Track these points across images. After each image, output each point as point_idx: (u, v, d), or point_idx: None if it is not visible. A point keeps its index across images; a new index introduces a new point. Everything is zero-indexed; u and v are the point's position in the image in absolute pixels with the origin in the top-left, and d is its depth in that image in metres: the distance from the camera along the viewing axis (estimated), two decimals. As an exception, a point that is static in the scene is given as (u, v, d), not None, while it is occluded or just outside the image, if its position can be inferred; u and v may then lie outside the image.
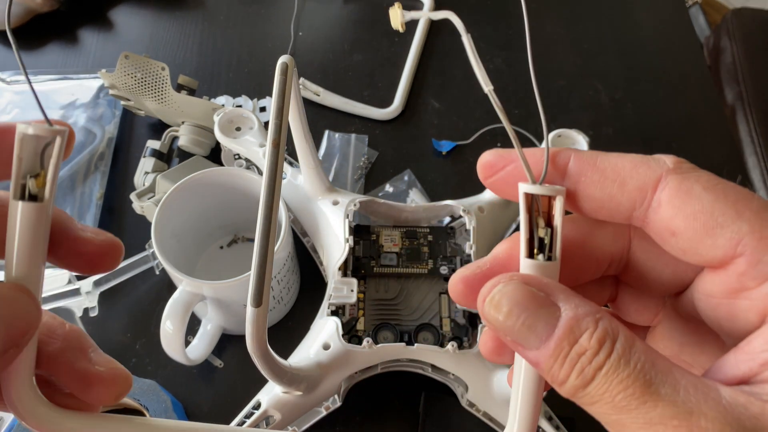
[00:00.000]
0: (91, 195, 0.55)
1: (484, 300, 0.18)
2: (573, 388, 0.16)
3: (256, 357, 0.27)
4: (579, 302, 0.17)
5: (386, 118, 0.62)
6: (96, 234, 0.20)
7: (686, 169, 0.18)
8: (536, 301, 0.17)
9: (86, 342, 0.20)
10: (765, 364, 0.16)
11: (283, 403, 0.39)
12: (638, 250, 0.21)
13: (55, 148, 0.18)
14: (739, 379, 0.16)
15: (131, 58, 0.54)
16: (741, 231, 0.16)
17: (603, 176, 0.18)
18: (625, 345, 0.16)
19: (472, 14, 0.71)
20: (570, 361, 0.16)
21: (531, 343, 0.17)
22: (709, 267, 0.18)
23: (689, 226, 0.17)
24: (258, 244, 0.24)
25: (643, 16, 0.74)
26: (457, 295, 0.20)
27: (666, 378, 0.15)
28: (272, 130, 0.25)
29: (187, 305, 0.41)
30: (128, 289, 0.51)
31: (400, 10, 0.23)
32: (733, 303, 0.18)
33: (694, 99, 0.67)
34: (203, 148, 0.56)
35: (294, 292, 0.51)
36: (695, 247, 0.17)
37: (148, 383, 0.44)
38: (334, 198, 0.46)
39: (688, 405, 0.15)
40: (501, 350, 0.21)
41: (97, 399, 0.19)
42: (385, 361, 0.41)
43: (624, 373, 0.15)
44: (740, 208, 0.17)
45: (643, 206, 0.18)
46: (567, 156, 0.19)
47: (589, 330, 0.16)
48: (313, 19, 0.70)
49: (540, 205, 0.19)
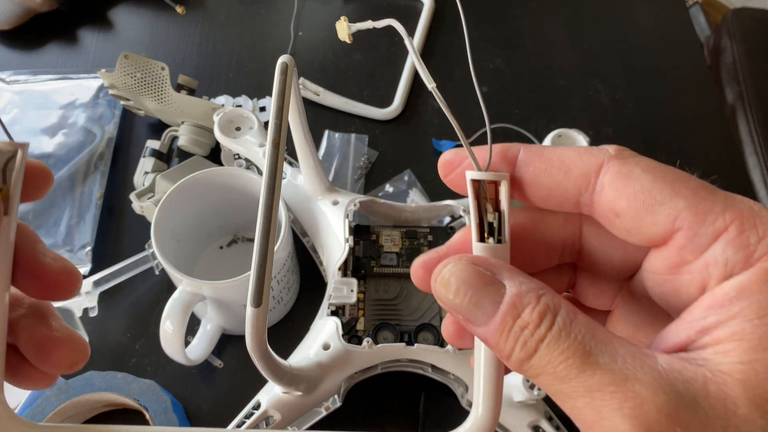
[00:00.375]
0: (90, 195, 0.54)
1: (436, 280, 0.19)
2: (518, 360, 0.17)
3: (255, 357, 0.27)
4: (523, 279, 0.18)
5: (386, 118, 0.62)
6: (55, 260, 0.20)
7: (627, 155, 0.19)
8: (482, 279, 0.18)
9: (49, 311, 0.20)
10: (701, 331, 0.16)
11: (283, 403, 0.39)
12: (589, 236, 0.22)
13: (17, 161, 0.18)
14: (678, 346, 0.17)
15: (131, 58, 0.54)
16: (678, 207, 0.17)
17: (549, 165, 0.20)
18: (566, 318, 0.17)
19: (472, 14, 0.71)
20: (514, 335, 0.17)
21: (479, 319, 0.18)
22: (653, 245, 0.19)
23: (631, 206, 0.18)
24: (258, 244, 0.23)
25: (643, 15, 0.73)
26: (417, 279, 0.21)
27: (605, 348, 0.16)
28: (272, 130, 0.25)
29: (186, 305, 0.41)
30: (128, 289, 0.51)
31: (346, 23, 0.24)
32: (676, 278, 0.18)
33: (695, 99, 0.67)
34: (203, 148, 0.56)
35: (294, 292, 0.51)
36: (638, 226, 0.18)
37: (147, 383, 0.44)
38: (334, 198, 0.46)
39: (624, 372, 0.15)
40: (461, 333, 0.21)
41: (53, 364, 0.20)
42: (385, 361, 0.41)
43: (564, 345, 0.16)
44: (677, 186, 0.18)
45: (588, 191, 0.19)
46: (516, 149, 0.20)
47: (531, 305, 0.17)
48: (313, 19, 0.70)
49: (487, 192, 0.20)
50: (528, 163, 0.20)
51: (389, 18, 0.22)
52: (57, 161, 0.56)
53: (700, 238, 0.17)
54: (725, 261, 0.17)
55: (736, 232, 0.17)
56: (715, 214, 0.17)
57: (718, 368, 0.15)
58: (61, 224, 0.53)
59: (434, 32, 0.69)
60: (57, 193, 0.54)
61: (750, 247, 0.16)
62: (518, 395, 0.39)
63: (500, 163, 0.20)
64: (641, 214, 0.18)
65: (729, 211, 0.17)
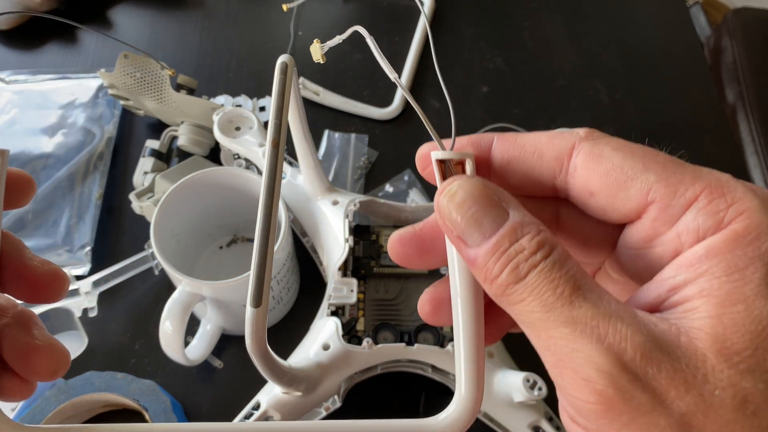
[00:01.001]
0: (90, 195, 0.54)
1: (442, 192, 0.19)
2: (503, 284, 0.17)
3: (255, 357, 0.27)
4: (527, 213, 0.18)
5: (386, 118, 0.62)
6: (42, 264, 0.21)
7: (597, 136, 0.19)
8: (489, 200, 0.18)
9: (33, 321, 0.21)
10: (672, 289, 0.17)
11: (283, 403, 0.39)
12: (566, 218, 0.22)
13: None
14: (650, 305, 0.18)
15: (130, 58, 0.54)
16: (649, 180, 0.18)
17: (523, 151, 0.20)
18: (561, 255, 0.17)
19: (472, 14, 0.71)
20: (507, 257, 0.17)
21: (474, 238, 0.18)
22: (628, 221, 0.19)
23: (604, 184, 0.19)
24: (257, 244, 0.23)
25: (643, 15, 0.73)
26: (394, 252, 0.22)
27: (593, 288, 0.17)
28: (272, 130, 0.25)
29: (186, 305, 0.41)
30: (127, 290, 0.51)
31: (319, 45, 0.24)
32: (649, 251, 0.19)
33: (695, 99, 0.67)
34: (202, 147, 0.56)
35: (294, 292, 0.51)
36: (612, 203, 0.19)
37: (147, 384, 0.44)
38: (333, 198, 0.46)
39: (608, 310, 0.16)
40: (438, 308, 0.22)
41: (34, 370, 0.20)
42: (385, 361, 0.41)
43: (557, 274, 0.17)
44: (648, 162, 0.18)
45: (562, 174, 0.20)
46: (490, 138, 0.21)
47: (531, 233, 0.17)
48: (312, 19, 0.70)
49: (454, 172, 0.20)
50: (503, 150, 0.21)
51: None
52: (56, 161, 0.56)
53: (672, 209, 0.18)
54: (696, 228, 0.17)
55: (707, 201, 0.17)
56: (685, 185, 0.17)
57: (689, 323, 0.16)
58: (60, 224, 0.53)
59: (434, 32, 0.69)
60: (56, 193, 0.54)
61: (720, 213, 0.17)
62: (518, 396, 0.39)
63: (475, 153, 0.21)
64: (614, 191, 0.18)
65: (698, 182, 0.17)
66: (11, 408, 0.43)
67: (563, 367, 0.17)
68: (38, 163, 0.56)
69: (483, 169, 0.21)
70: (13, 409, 0.43)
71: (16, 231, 0.52)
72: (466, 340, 0.19)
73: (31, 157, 0.56)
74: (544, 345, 0.17)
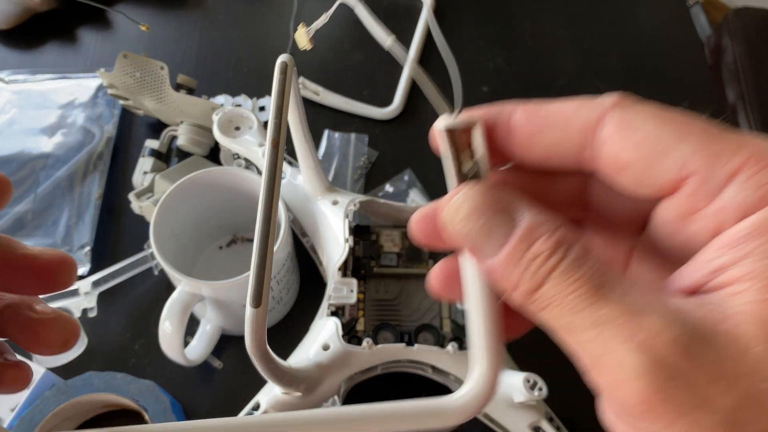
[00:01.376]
0: (89, 195, 0.54)
1: (446, 207, 0.18)
2: (525, 292, 0.17)
3: (255, 358, 0.27)
4: (540, 211, 0.17)
5: (386, 118, 0.62)
6: (43, 251, 0.20)
7: (627, 104, 0.18)
8: (496, 207, 0.17)
9: (32, 299, 0.20)
10: (714, 271, 0.16)
11: (283, 403, 0.39)
12: (595, 190, 0.21)
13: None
14: (690, 288, 0.16)
15: (130, 58, 0.54)
16: (687, 151, 0.16)
17: (546, 122, 0.19)
18: (580, 252, 0.16)
19: (472, 14, 0.71)
20: (523, 265, 0.16)
21: (488, 250, 0.17)
22: (663, 195, 0.18)
23: (635, 157, 0.17)
24: (257, 244, 0.23)
25: (644, 15, 0.73)
26: (417, 229, 0.20)
27: (617, 283, 0.16)
28: (271, 130, 0.25)
29: (186, 305, 0.40)
30: (127, 290, 0.51)
31: (304, 30, 0.24)
32: (687, 228, 0.17)
33: (695, 98, 0.67)
34: (202, 147, 0.56)
35: (294, 292, 0.51)
36: (645, 177, 0.17)
37: (146, 384, 0.44)
38: (333, 198, 0.46)
39: (634, 306, 0.15)
40: (450, 280, 0.21)
41: (44, 343, 0.19)
42: (385, 362, 0.41)
43: (576, 275, 0.16)
44: (684, 130, 0.16)
45: (590, 146, 0.18)
46: (510, 110, 0.19)
47: (545, 236, 0.16)
48: (312, 18, 0.70)
49: (461, 142, 0.19)
50: (525, 122, 0.19)
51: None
52: (56, 161, 0.56)
53: (712, 183, 0.16)
54: (739, 203, 0.16)
55: (751, 173, 0.15)
56: (726, 155, 0.16)
57: (731, 309, 0.15)
58: (60, 224, 0.53)
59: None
60: (56, 193, 0.54)
61: (765, 186, 0.15)
62: (519, 396, 0.39)
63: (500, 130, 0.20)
64: (648, 164, 0.17)
65: (741, 152, 0.16)
66: (11, 408, 0.43)
67: (599, 370, 0.16)
68: (38, 163, 0.56)
69: (502, 144, 0.20)
70: (13, 409, 0.43)
71: (15, 231, 0.52)
72: (480, 312, 0.18)
73: (30, 157, 0.56)
74: (575, 349, 0.16)
